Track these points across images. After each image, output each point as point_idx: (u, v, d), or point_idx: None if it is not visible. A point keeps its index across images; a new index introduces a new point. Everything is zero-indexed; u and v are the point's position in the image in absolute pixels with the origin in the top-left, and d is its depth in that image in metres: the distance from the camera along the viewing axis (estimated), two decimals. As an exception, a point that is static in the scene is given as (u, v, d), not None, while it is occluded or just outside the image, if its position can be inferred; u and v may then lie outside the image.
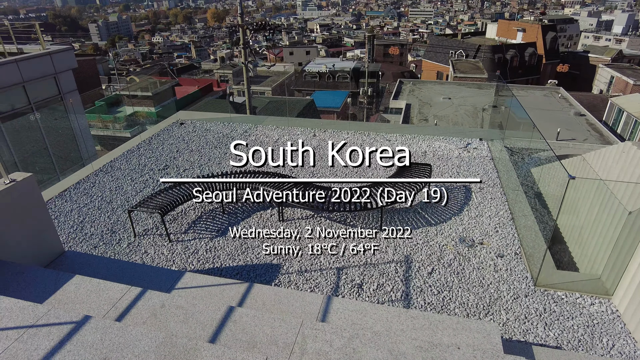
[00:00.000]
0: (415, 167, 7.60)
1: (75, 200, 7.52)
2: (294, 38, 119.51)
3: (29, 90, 15.51)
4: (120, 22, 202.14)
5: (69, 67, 16.90)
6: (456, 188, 7.71)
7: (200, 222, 6.80)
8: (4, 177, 4.65)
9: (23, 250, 4.73)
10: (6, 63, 14.61)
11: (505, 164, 8.61)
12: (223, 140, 10.20)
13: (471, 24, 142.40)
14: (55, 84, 16.55)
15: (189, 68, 75.43)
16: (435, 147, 9.51)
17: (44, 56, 15.61)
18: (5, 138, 14.76)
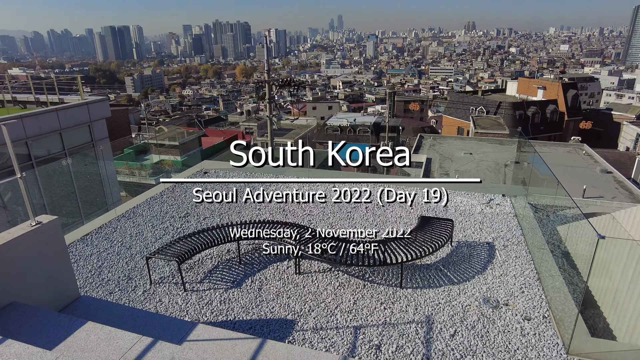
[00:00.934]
0: (437, 222, 7.46)
1: (95, 244, 7.62)
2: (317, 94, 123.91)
3: (64, 137, 16.34)
4: (154, 75, 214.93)
5: (103, 117, 17.83)
6: (479, 245, 7.48)
7: (216, 271, 6.73)
8: (32, 219, 4.77)
9: (40, 293, 4.74)
10: (47, 112, 15.54)
11: (529, 221, 8.36)
12: (244, 189, 10.32)
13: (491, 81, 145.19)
14: (89, 132, 17.41)
15: (216, 120, 78.51)
16: (457, 202, 9.37)
17: (81, 106, 16.55)
18: (38, 181, 15.35)
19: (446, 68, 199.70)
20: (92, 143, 17.53)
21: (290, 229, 7.13)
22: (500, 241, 7.59)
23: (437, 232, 7.06)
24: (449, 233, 7.11)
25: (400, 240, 6.89)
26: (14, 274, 4.47)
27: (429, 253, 6.58)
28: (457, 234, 7.84)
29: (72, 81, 21.13)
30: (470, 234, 7.86)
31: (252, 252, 7.28)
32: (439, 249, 6.76)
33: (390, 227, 8.21)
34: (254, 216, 8.78)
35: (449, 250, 7.30)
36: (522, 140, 19.16)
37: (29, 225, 4.68)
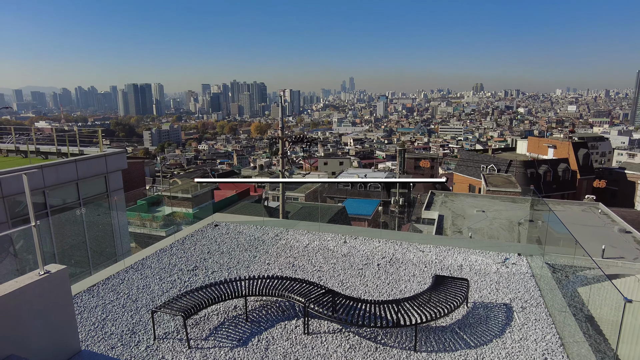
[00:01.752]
0: (452, 281, 7.21)
1: (101, 296, 7.48)
2: (329, 150, 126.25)
3: (81, 187, 16.66)
4: (172, 130, 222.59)
5: (119, 168, 18.26)
6: (496, 306, 7.15)
7: (222, 328, 6.49)
8: (40, 267, 4.74)
9: (41, 346, 4.59)
10: (66, 163, 16.00)
11: (548, 282, 8.03)
12: (254, 243, 10.23)
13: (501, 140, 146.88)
14: (104, 183, 17.76)
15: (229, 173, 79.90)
16: (471, 260, 9.11)
17: (99, 157, 17.04)
18: (51, 230, 15.45)
19: (455, 127, 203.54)
20: (107, 194, 17.83)
21: (299, 286, 6.95)
22: (517, 302, 7.26)
23: (453, 292, 6.80)
24: (465, 293, 6.84)
25: (414, 300, 6.64)
26: (16, 325, 4.36)
27: (444, 314, 6.29)
28: (472, 294, 7.54)
29: (93, 134, 21.93)
30: (486, 295, 7.55)
31: (260, 309, 7.04)
32: (454, 310, 6.47)
33: (403, 286, 7.96)
34: (263, 271, 8.61)
35: (464, 311, 6.98)
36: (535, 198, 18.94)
37: (37, 274, 4.64)
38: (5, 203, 13.72)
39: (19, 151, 19.99)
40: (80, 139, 19.44)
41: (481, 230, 25.84)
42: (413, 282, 8.15)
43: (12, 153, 20.18)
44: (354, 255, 9.45)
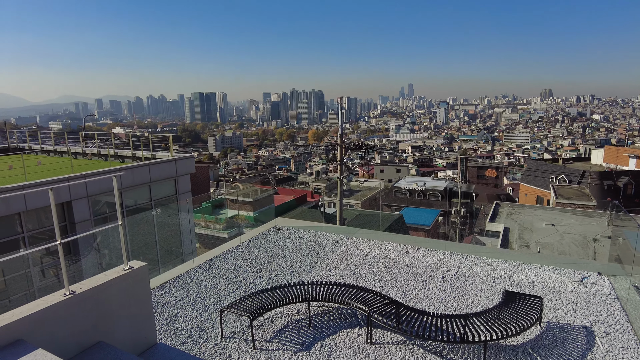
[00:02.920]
0: (523, 298, 6.79)
1: (173, 293, 7.90)
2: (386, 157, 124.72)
3: (153, 189, 17.80)
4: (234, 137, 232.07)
5: (188, 172, 19.28)
6: (573, 328, 6.62)
7: (285, 331, 6.60)
8: (125, 263, 5.11)
9: (124, 336, 4.93)
10: (141, 166, 17.18)
11: (637, 307, 7.31)
12: (315, 248, 10.33)
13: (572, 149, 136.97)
14: (174, 185, 18.84)
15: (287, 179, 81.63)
16: (544, 277, 8.53)
17: (170, 162, 18.10)
18: (125, 229, 16.62)
19: (522, 135, 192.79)
20: (176, 196, 18.91)
21: (362, 294, 6.89)
22: (600, 327, 6.67)
23: (525, 310, 6.40)
24: (538, 312, 6.40)
25: (482, 315, 6.33)
26: (104, 314, 4.73)
27: (515, 333, 5.93)
28: (546, 313, 7.05)
29: (162, 139, 23.39)
30: (562, 315, 7.02)
31: (322, 315, 7.08)
32: (527, 329, 6.08)
33: (470, 301, 7.64)
34: (324, 277, 8.65)
35: (538, 331, 6.54)
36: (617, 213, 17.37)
37: (122, 269, 5.01)
38: (89, 202, 14.99)
39: (101, 155, 21.80)
40: (153, 144, 20.83)
41: (550, 245, 24.16)
42: (480, 297, 7.78)
43: (94, 157, 22.05)
44: (417, 266, 9.22)
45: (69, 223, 14.51)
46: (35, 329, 4.08)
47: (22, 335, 3.99)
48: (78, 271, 12.99)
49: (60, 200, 14.30)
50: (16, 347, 3.86)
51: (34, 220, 13.91)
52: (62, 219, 14.52)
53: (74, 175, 15.01)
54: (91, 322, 4.60)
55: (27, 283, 13.00)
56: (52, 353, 3.87)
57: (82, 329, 4.50)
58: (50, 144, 24.23)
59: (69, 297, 4.38)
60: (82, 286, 4.61)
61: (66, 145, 23.07)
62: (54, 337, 4.25)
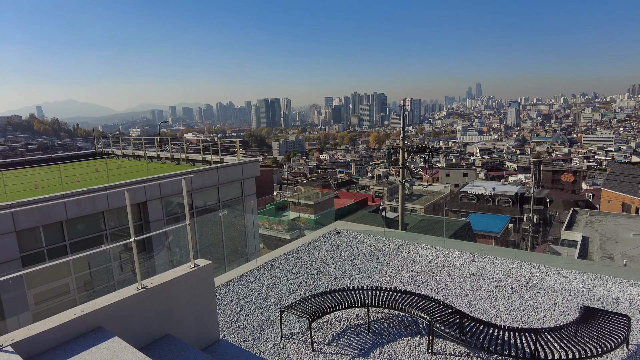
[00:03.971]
0: (605, 316, 6.16)
1: (236, 291, 8.19)
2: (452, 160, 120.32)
3: (220, 191, 18.65)
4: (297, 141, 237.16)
5: (253, 175, 19.96)
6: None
7: (344, 335, 6.56)
8: (192, 261, 5.38)
9: (189, 330, 5.18)
10: (210, 169, 18.08)
11: None
12: (375, 253, 10.19)
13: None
14: (240, 188, 19.58)
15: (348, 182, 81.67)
16: (631, 294, 7.68)
17: (237, 165, 18.85)
18: (195, 228, 17.56)
19: (604, 136, 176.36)
20: (241, 198, 19.66)
21: (424, 302, 6.66)
22: (701, 352, 5.86)
23: (607, 329, 5.80)
24: (625, 332, 5.77)
25: (556, 331, 5.84)
26: (172, 309, 5.00)
27: (597, 354, 5.39)
28: (635, 334, 6.34)
29: (230, 144, 24.45)
30: None
31: (382, 321, 6.94)
32: (610, 351, 5.50)
33: (542, 315, 7.09)
34: (384, 283, 8.49)
35: (624, 354, 5.90)
36: None
37: (189, 267, 5.27)
38: (163, 203, 16.04)
39: (173, 158, 23.28)
40: (221, 149, 21.86)
41: (639, 258, 21.79)
42: (554, 311, 7.19)
43: (168, 160, 23.60)
44: (483, 275, 8.74)
45: (144, 222, 15.63)
46: (112, 319, 4.42)
47: (101, 323, 4.34)
48: (152, 267, 13.95)
49: (137, 201, 15.45)
50: (96, 333, 4.20)
51: (115, 219, 15.17)
52: (138, 218, 15.67)
53: (149, 178, 16.16)
54: (160, 316, 4.89)
55: (107, 276, 14.20)
56: (126, 342, 4.17)
57: (152, 321, 4.80)
58: (130, 149, 26.34)
59: (141, 291, 4.69)
60: (152, 281, 4.91)
61: (143, 150, 24.92)
62: (127, 327, 4.57)
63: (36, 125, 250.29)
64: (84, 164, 22.70)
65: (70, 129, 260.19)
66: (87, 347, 3.95)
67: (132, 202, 15.67)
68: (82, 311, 4.20)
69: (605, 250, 24.17)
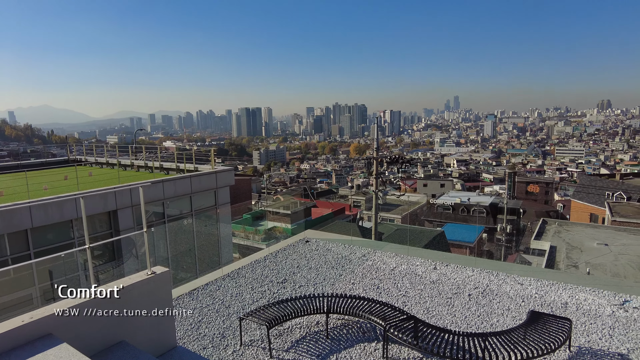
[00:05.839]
0: (550, 319, 6.48)
1: (200, 300, 8.23)
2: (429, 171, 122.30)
3: (193, 200, 18.57)
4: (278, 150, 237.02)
5: (227, 184, 19.96)
6: (607, 355, 6.22)
7: (303, 342, 6.69)
8: (148, 268, 5.44)
9: (145, 337, 5.23)
10: (183, 178, 18.01)
11: (681, 334, 6.75)
12: (341, 261, 10.37)
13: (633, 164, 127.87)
14: (214, 197, 19.55)
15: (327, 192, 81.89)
16: (579, 299, 8.07)
17: (210, 174, 18.84)
18: (167, 237, 17.43)
19: (575, 149, 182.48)
20: (215, 207, 19.62)
21: (381, 308, 6.86)
22: (638, 354, 6.22)
23: (550, 332, 6.11)
24: (566, 334, 6.09)
25: (504, 335, 6.12)
26: (127, 315, 5.06)
27: (539, 355, 5.68)
28: (578, 337, 6.68)
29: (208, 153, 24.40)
30: (595, 340, 6.62)
31: (341, 328, 7.10)
32: (551, 353, 5.80)
33: (495, 320, 7.39)
34: (347, 290, 8.67)
35: (566, 355, 6.21)
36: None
37: (145, 273, 5.34)
38: (133, 211, 15.89)
39: (147, 167, 23.07)
40: (196, 158, 21.80)
41: (602, 267, 22.64)
42: (507, 316, 7.49)
43: (142, 168, 23.37)
44: (443, 283, 9.03)
45: (114, 230, 15.45)
46: (63, 325, 4.45)
47: (51, 329, 4.37)
48: (120, 275, 13.76)
49: (107, 209, 15.27)
50: (45, 340, 4.24)
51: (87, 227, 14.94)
52: (108, 226, 15.49)
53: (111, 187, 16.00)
54: (115, 322, 4.93)
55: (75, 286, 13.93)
56: (77, 348, 4.21)
57: (106, 328, 4.84)
58: (104, 157, 25.97)
59: (95, 297, 4.74)
60: (107, 288, 4.97)
61: (116, 158, 24.62)
62: (79, 334, 4.60)
63: (7, 131, 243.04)
64: (54, 171, 22.27)
65: (44, 135, 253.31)
66: (33, 354, 3.99)
67: (103, 210, 15.46)
68: (30, 318, 4.23)
69: (570, 259, 24.98)
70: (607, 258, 23.92)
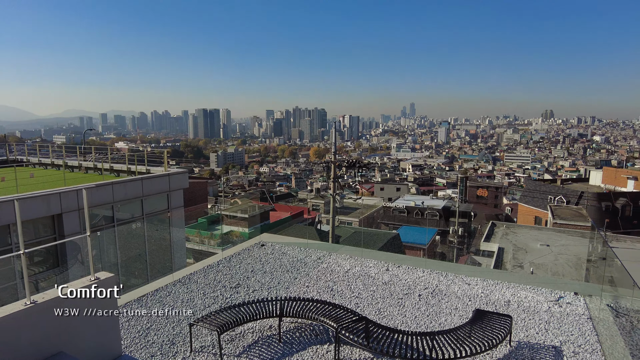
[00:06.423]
0: (493, 317, 6.82)
1: (149, 306, 7.96)
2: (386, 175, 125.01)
3: (145, 203, 17.93)
4: (236, 153, 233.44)
5: (181, 187, 19.43)
6: (543, 348, 6.64)
7: (255, 347, 6.63)
8: (91, 274, 5.21)
9: (87, 347, 5.00)
10: (134, 180, 17.36)
11: (608, 327, 7.32)
12: (296, 265, 10.38)
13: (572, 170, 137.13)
14: (166, 200, 18.96)
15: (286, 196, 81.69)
16: (520, 297, 8.55)
17: (163, 177, 18.28)
18: (116, 241, 16.72)
19: (522, 155, 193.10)
20: (168, 210, 19.02)
21: (333, 310, 6.94)
22: (569, 346, 6.68)
23: (493, 329, 6.43)
24: (507, 331, 6.43)
25: (451, 334, 6.37)
26: (66, 325, 4.81)
27: (481, 351, 5.96)
28: (518, 332, 7.07)
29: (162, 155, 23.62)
30: (533, 334, 7.04)
31: (294, 331, 7.11)
32: (493, 348, 6.11)
33: (443, 319, 7.67)
34: (302, 293, 8.70)
35: (507, 350, 6.56)
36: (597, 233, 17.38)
37: (88, 280, 5.11)
38: (80, 215, 15.10)
39: (97, 169, 22.01)
40: (149, 159, 21.05)
41: (544, 266, 24.07)
42: (454, 315, 7.80)
43: (90, 170, 22.27)
44: (395, 284, 9.26)
45: (58, 235, 14.60)
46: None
47: (-20, 342, 4.08)
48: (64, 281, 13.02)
49: (51, 213, 14.43)
50: (-28, 354, 3.95)
51: (29, 232, 14.03)
52: (52, 231, 14.63)
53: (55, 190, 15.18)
54: (52, 332, 4.67)
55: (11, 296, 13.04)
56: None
57: (41, 338, 4.57)
58: (49, 157, 24.50)
59: (29, 306, 4.48)
60: (44, 296, 4.70)
61: (63, 159, 23.34)
62: (12, 346, 4.32)
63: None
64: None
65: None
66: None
67: (46, 214, 14.56)
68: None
69: (517, 259, 26.38)
70: (548, 258, 25.46)
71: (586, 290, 8.83)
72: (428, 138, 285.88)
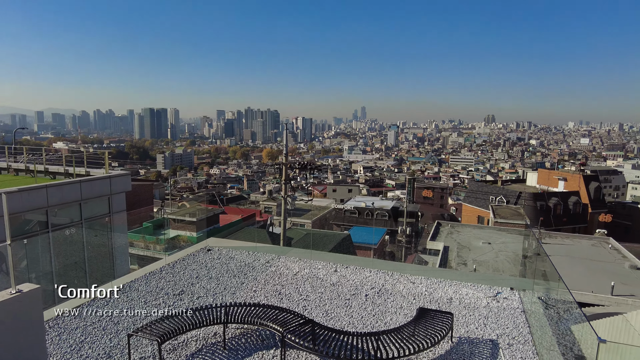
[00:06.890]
0: (435, 315, 7.05)
1: (84, 317, 7.47)
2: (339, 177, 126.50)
3: (83, 208, 16.89)
4: (185, 154, 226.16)
5: (123, 190, 18.50)
6: (482, 342, 6.95)
7: (199, 355, 6.41)
8: (12, 286, 4.79)
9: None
10: (71, 183, 16.30)
11: (538, 319, 7.81)
12: (244, 269, 10.19)
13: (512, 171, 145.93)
14: (107, 204, 17.98)
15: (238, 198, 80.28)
16: (462, 294, 8.92)
17: (104, 179, 17.32)
18: (51, 248, 15.61)
19: (466, 158, 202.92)
20: (109, 215, 18.02)
21: (279, 314, 6.86)
22: (505, 339, 7.05)
23: (435, 326, 6.64)
24: (448, 327, 6.67)
25: (395, 333, 6.50)
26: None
27: (424, 349, 6.14)
28: (459, 328, 7.36)
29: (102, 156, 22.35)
30: (473, 330, 7.36)
31: (240, 337, 6.95)
32: (436, 345, 6.31)
33: (389, 319, 7.82)
34: (248, 298, 8.54)
35: (448, 346, 6.80)
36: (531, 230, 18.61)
37: (8, 293, 4.69)
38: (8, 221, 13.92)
39: (29, 170, 20.44)
40: (89, 161, 19.83)
41: (486, 263, 25.36)
42: (400, 314, 7.99)
43: (22, 172, 20.64)
44: (343, 284, 9.34)
45: (-20, 244, 13.36)
46: None
47: None
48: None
49: (-27, 220, 13.18)
50: None
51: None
52: (-27, 239, 13.36)
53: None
54: (-34, 352, 4.25)
55: None
56: None
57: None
58: (-28, 159, 22.41)
59: (-63, 324, 4.04)
60: (-45, 312, 4.27)
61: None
62: None
63: None
64: None
65: None
66: None
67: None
68: None
69: (461, 257, 27.60)
70: (489, 255, 26.87)
71: (521, 285, 9.37)
72: (378, 141, 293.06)
